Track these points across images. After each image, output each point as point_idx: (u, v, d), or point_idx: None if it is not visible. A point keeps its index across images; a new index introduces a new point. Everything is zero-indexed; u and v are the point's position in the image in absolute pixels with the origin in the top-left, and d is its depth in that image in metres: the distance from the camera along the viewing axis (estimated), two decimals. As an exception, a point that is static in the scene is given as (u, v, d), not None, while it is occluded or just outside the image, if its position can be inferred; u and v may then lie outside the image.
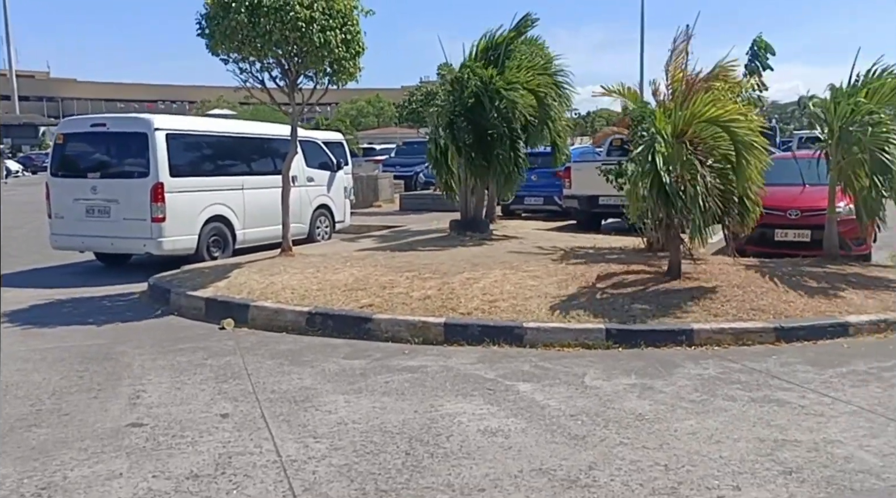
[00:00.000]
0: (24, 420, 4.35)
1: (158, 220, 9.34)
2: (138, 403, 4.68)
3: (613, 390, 4.82)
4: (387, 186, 20.06)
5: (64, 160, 10.16)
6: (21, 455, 3.84)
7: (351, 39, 8.45)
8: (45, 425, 4.27)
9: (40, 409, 4.55)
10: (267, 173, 10.78)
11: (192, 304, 7.36)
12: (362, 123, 65.11)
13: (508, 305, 6.45)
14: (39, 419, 4.37)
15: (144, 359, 5.71)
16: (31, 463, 3.74)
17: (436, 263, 8.16)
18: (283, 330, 6.55)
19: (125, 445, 3.98)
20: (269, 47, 8.10)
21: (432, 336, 6.08)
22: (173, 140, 9.62)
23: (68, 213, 9.80)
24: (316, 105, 9.75)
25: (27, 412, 4.49)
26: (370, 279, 7.47)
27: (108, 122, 10.12)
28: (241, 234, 10.52)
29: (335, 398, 4.72)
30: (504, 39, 11.21)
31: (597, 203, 13.04)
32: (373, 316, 6.35)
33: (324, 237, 12.30)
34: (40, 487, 3.48)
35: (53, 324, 6.93)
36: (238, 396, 4.78)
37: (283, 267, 8.34)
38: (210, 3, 8.11)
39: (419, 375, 5.20)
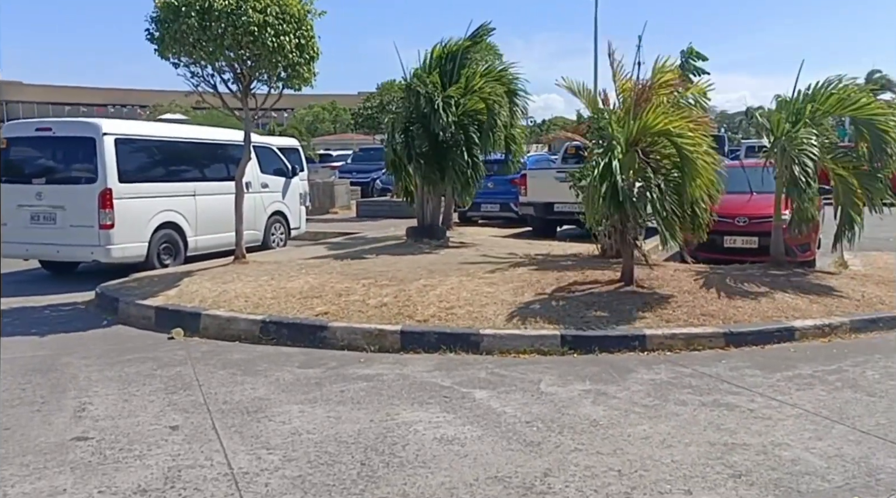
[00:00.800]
0: (-39, 436, 4.18)
1: (107, 227, 9.10)
2: (84, 415, 4.53)
3: (568, 396, 4.86)
4: (343, 193, 19.95)
5: (8, 165, 9.81)
6: (-43, 473, 3.68)
7: (305, 44, 8.38)
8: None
9: (-21, 424, 4.38)
10: (220, 179, 10.61)
11: (141, 313, 7.18)
12: (319, 129, 64.64)
13: (465, 312, 6.46)
14: (-22, 435, 4.20)
15: (91, 370, 5.55)
16: (-31, 481, 3.59)
17: (392, 270, 8.13)
18: (237, 339, 6.43)
19: (70, 459, 3.85)
20: (220, 51, 7.99)
21: (389, 344, 6.05)
22: (122, 145, 9.40)
23: (12, 220, 9.47)
24: (271, 110, 9.64)
25: (-35, 428, 4.31)
26: (326, 287, 7.40)
27: (55, 127, 9.83)
28: (193, 241, 10.32)
29: (289, 408, 4.65)
30: (459, 48, 11.27)
31: (552, 210, 13.19)
32: (328, 324, 6.29)
33: (279, 244, 12.15)
34: (-22, 506, 3.35)
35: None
36: (189, 408, 4.67)
37: (236, 275, 8.21)
38: (160, 6, 7.96)
39: (375, 383, 5.16)
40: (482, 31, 11.48)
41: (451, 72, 11.04)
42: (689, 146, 6.82)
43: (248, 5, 7.83)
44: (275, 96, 9.01)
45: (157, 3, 7.99)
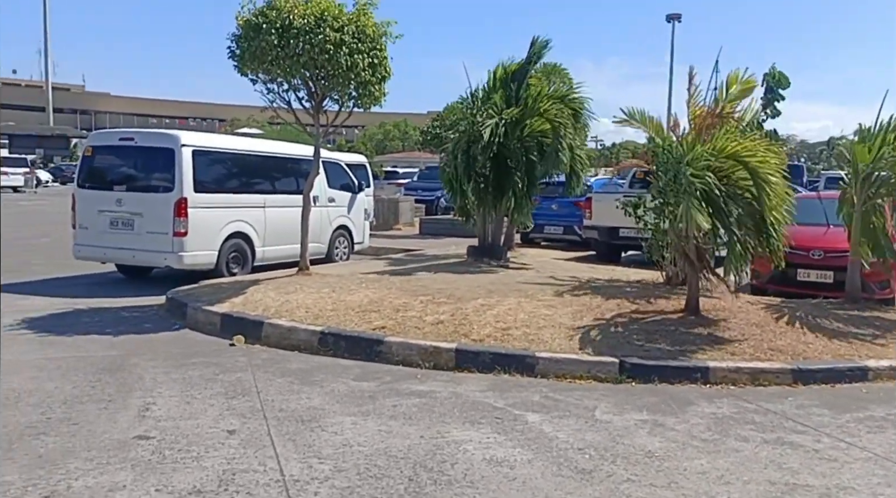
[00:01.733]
0: (33, 428, 4.38)
1: (180, 235, 9.44)
2: (147, 415, 4.70)
3: (624, 425, 4.75)
4: (407, 210, 20.15)
5: (91, 172, 10.33)
6: (28, 463, 3.86)
7: (378, 64, 8.55)
8: (53, 434, 4.30)
9: (50, 417, 4.59)
10: (289, 192, 10.89)
11: (207, 318, 7.41)
12: (388, 147, 65.71)
13: (521, 334, 6.42)
14: (49, 428, 4.40)
15: (157, 372, 5.74)
16: (37, 471, 3.76)
17: (451, 288, 8.15)
18: (296, 348, 6.56)
19: (131, 457, 3.99)
20: (297, 69, 8.22)
21: (443, 361, 6.05)
22: (199, 156, 9.75)
23: (92, 225, 9.94)
24: (342, 127, 9.86)
25: (37, 420, 4.52)
26: (384, 301, 7.47)
27: (137, 137, 10.29)
28: (260, 251, 10.60)
29: (342, 420, 4.70)
30: (519, 66, 11.28)
31: (617, 235, 12.97)
32: (385, 338, 6.35)
33: (342, 258, 12.35)
34: (44, 495, 3.50)
35: (70, 333, 7.00)
36: (246, 413, 4.78)
37: (299, 286, 8.38)
38: (241, 24, 8.27)
39: (428, 400, 5.17)
40: (537, 48, 11.46)
41: (515, 92, 11.06)
42: (761, 168, 6.63)
43: (326, 24, 8.05)
44: (345, 114, 9.22)
45: (238, 22, 8.31)
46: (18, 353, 6.20)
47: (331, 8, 8.24)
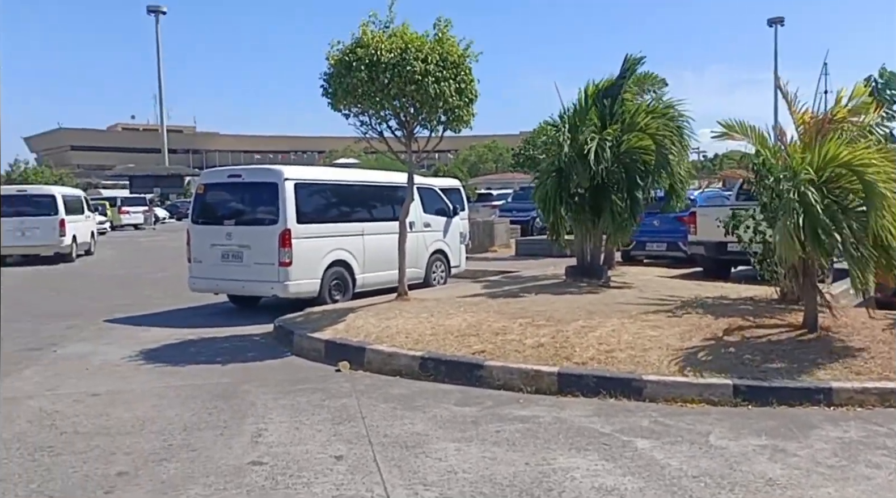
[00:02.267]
0: (156, 454, 4.62)
1: (285, 265, 9.80)
2: (260, 441, 4.86)
3: (741, 451, 4.50)
4: (503, 231, 20.09)
5: (203, 208, 10.92)
6: (152, 488, 4.07)
7: (464, 88, 8.66)
8: (175, 460, 4.52)
9: (171, 444, 4.83)
10: (386, 219, 11.10)
11: (312, 345, 7.62)
12: (481, 169, 66.11)
13: (626, 356, 6.23)
14: (170, 454, 4.63)
15: (267, 398, 5.94)
16: (161, 496, 3.96)
17: (550, 310, 8.03)
18: (397, 374, 6.63)
19: (246, 482, 4.14)
20: (387, 101, 8.45)
21: (545, 386, 5.95)
22: (301, 189, 10.13)
23: (206, 258, 10.48)
24: (435, 152, 10.00)
25: (160, 447, 4.77)
26: (483, 325, 7.45)
27: (243, 173, 10.82)
28: (360, 278, 10.84)
29: (445, 446, 4.69)
30: (611, 83, 11.09)
31: (725, 250, 12.38)
32: (485, 363, 6.31)
33: (439, 282, 12.45)
34: (167, 519, 3.67)
35: (188, 362, 7.37)
36: (352, 439, 4.86)
37: (398, 311, 8.50)
38: (333, 63, 8.58)
39: (531, 425, 5.09)
40: (631, 64, 11.23)
41: (609, 108, 10.87)
42: (876, 178, 6.19)
43: (410, 56, 8.24)
44: (436, 139, 9.35)
45: (330, 61, 8.63)
46: (141, 382, 6.59)
47: (414, 40, 8.44)
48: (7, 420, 5.39)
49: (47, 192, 20.48)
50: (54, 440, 4.91)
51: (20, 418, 5.43)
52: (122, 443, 4.83)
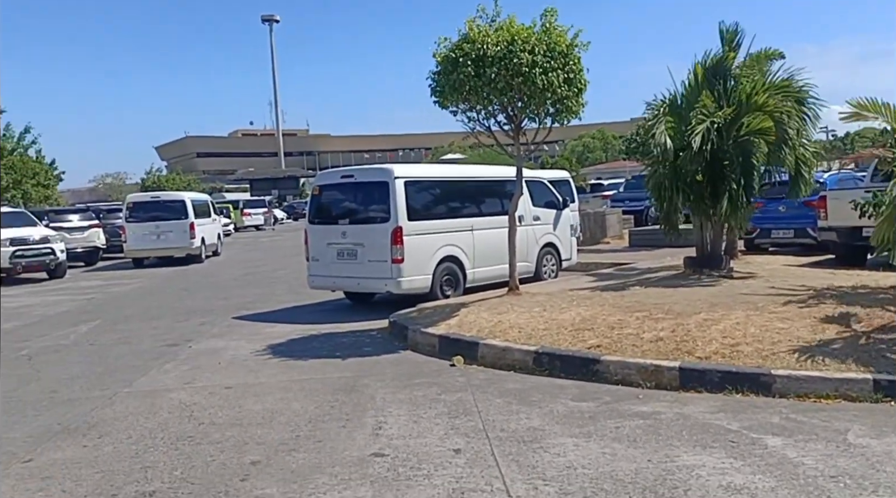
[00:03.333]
0: (285, 445, 4.85)
1: (398, 262, 10.02)
2: (380, 433, 5.00)
3: (884, 450, 4.18)
4: (615, 222, 19.64)
5: (319, 208, 11.34)
6: (283, 477, 4.28)
7: (573, 78, 8.50)
8: (302, 450, 4.73)
9: (298, 435, 5.05)
10: (495, 214, 11.12)
11: (426, 340, 7.75)
12: (589, 159, 64.87)
13: (753, 350, 5.93)
14: (298, 445, 4.85)
15: (385, 392, 6.11)
16: (291, 485, 4.15)
17: (668, 303, 7.77)
18: (511, 368, 6.63)
19: (369, 473, 4.27)
20: (494, 95, 8.42)
21: (666, 381, 5.77)
22: (410, 186, 10.31)
23: (322, 256, 10.89)
24: (542, 144, 9.89)
25: (288, 438, 5.00)
26: (597, 319, 7.32)
27: (356, 173, 11.15)
28: (471, 273, 10.91)
29: (564, 441, 4.65)
30: (717, 61, 10.54)
31: (860, 235, 11.53)
32: (601, 357, 6.20)
33: (550, 275, 12.33)
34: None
35: (309, 356, 7.69)
36: (469, 433, 4.91)
37: (510, 306, 8.49)
38: (440, 60, 8.65)
39: (652, 421, 4.95)
40: (729, 37, 10.60)
41: (723, 88, 10.35)
42: None
43: (517, 48, 8.18)
44: (545, 131, 9.25)
45: (437, 59, 8.71)
46: (269, 375, 6.94)
47: (520, 31, 8.36)
48: (151, 411, 5.82)
49: (178, 198, 21.94)
50: (193, 430, 5.26)
51: (162, 410, 5.85)
52: (253, 433, 5.11)
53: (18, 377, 7.33)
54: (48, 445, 5.07)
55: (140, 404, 6.05)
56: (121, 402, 6.18)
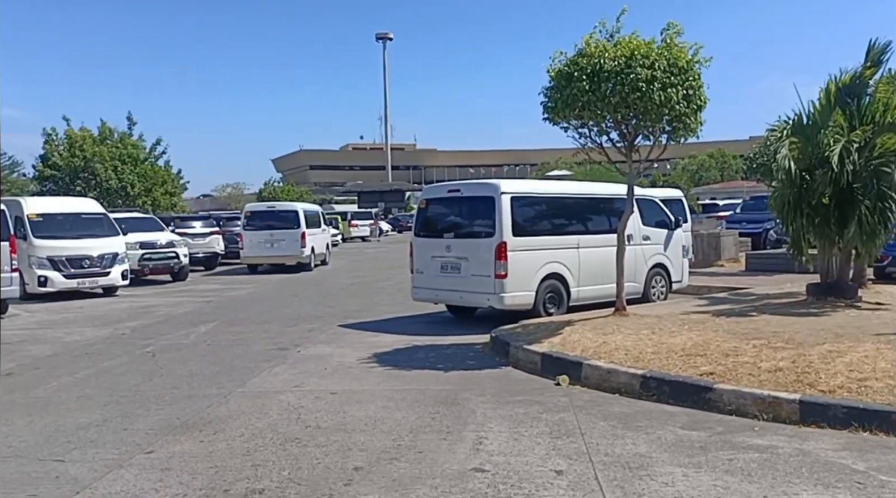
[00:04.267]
0: (387, 453, 4.91)
1: (501, 277, 9.99)
2: (481, 449, 4.97)
3: None
4: (730, 244, 18.77)
5: (425, 222, 11.50)
6: (384, 485, 4.33)
7: (692, 94, 8.23)
8: (403, 460, 4.77)
9: (400, 444, 5.10)
10: (601, 232, 10.91)
11: (528, 357, 7.66)
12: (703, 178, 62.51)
13: (884, 386, 5.48)
14: (399, 454, 4.90)
15: (486, 407, 6.07)
16: (392, 493, 4.19)
17: (789, 332, 7.33)
18: (616, 391, 6.44)
19: (469, 487, 4.25)
20: (608, 110, 8.26)
21: (784, 414, 5.42)
22: (516, 202, 10.28)
23: (427, 269, 11.02)
24: (654, 162, 9.62)
25: (390, 446, 5.06)
26: (710, 345, 7.00)
27: (462, 188, 11.24)
28: (575, 291, 10.73)
29: (672, 470, 4.45)
30: (853, 78, 9.87)
31: None
32: (714, 385, 5.90)
33: (659, 297, 11.94)
34: (399, 516, 3.87)
35: (411, 367, 7.77)
36: (572, 455, 4.80)
37: (616, 326, 8.27)
38: (553, 75, 8.59)
39: (768, 456, 4.66)
40: (875, 53, 9.90)
41: (857, 107, 9.70)
42: None
43: (636, 63, 8.00)
44: (658, 148, 8.99)
45: (550, 74, 8.65)
46: (373, 383, 7.07)
47: (640, 46, 8.18)
48: (262, 411, 6.06)
49: (292, 208, 22.89)
50: (300, 433, 5.42)
51: (272, 411, 6.08)
52: (357, 439, 5.21)
53: (143, 373, 7.83)
54: (168, 439, 5.37)
55: (252, 404, 6.31)
56: (234, 401, 6.47)
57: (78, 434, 5.54)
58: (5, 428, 5.75)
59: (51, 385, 7.33)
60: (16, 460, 4.95)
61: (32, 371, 8.07)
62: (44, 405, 6.48)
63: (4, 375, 7.90)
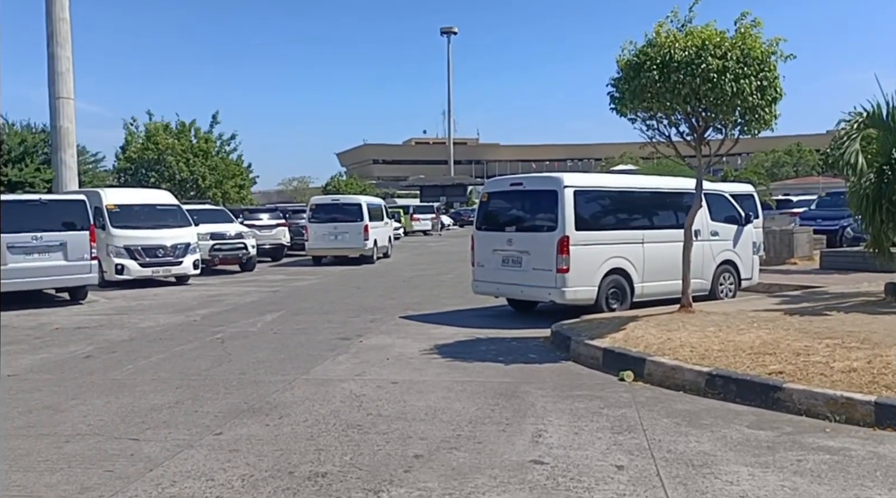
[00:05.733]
0: (446, 442, 4.96)
1: (563, 271, 9.90)
2: (540, 441, 4.96)
3: None
4: (804, 242, 18.09)
5: (487, 215, 11.48)
6: (444, 473, 4.37)
7: (767, 86, 7.95)
8: (463, 449, 4.80)
9: (459, 434, 5.14)
10: (668, 227, 10.68)
11: (589, 352, 7.58)
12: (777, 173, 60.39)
13: (968, 390, 5.21)
14: (458, 443, 4.93)
15: (546, 401, 6.05)
16: (451, 481, 4.23)
17: (865, 332, 7.04)
18: (680, 388, 6.31)
19: (528, 479, 4.25)
20: (677, 102, 8.07)
21: (858, 416, 5.21)
22: (579, 196, 10.14)
23: (488, 263, 11.01)
24: (725, 156, 9.35)
25: (449, 436, 5.11)
26: (780, 344, 6.78)
27: (525, 182, 11.17)
28: (639, 287, 10.54)
29: (737, 469, 4.34)
30: None
31: None
32: (783, 385, 5.72)
33: (727, 294, 11.62)
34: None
35: (471, 359, 7.80)
36: (633, 450, 4.74)
37: (681, 323, 8.10)
38: (622, 66, 8.44)
39: (840, 458, 4.50)
40: None
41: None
42: None
43: (707, 53, 7.79)
44: (730, 142, 8.73)
45: (619, 65, 8.51)
46: (433, 374, 7.13)
47: (712, 36, 7.95)
48: (325, 398, 6.19)
49: (355, 201, 23.25)
50: (362, 420, 5.52)
51: (335, 398, 6.20)
52: (417, 428, 5.27)
53: (213, 358, 8.10)
54: (235, 422, 5.55)
55: (315, 391, 6.46)
56: (299, 387, 6.64)
57: (152, 415, 5.79)
58: (84, 407, 6.06)
59: (127, 368, 7.67)
60: (94, 438, 5.21)
61: (110, 354, 8.46)
62: (120, 387, 6.79)
63: (83, 357, 8.31)
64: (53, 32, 22.71)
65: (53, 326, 10.70)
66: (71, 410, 5.97)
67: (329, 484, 4.22)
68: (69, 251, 12.79)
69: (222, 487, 4.22)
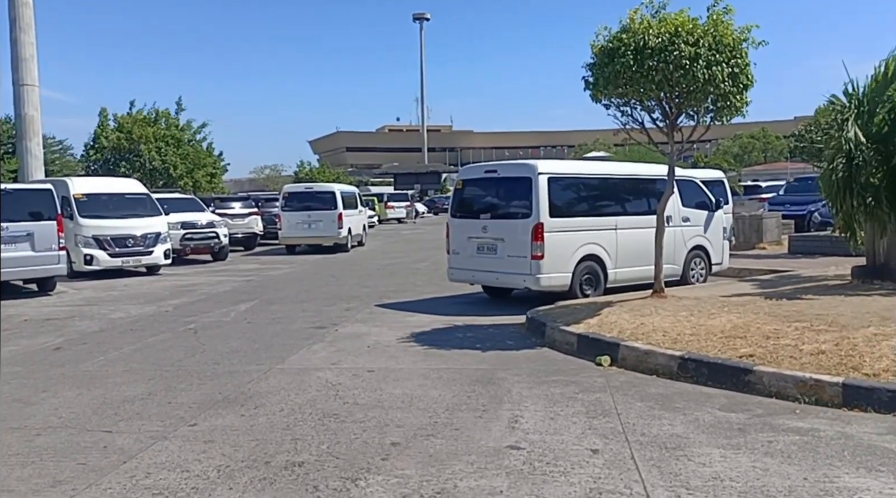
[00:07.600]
0: (423, 430, 4.97)
1: (537, 258, 9.95)
2: (516, 427, 4.99)
3: None
4: (773, 227, 18.40)
5: (461, 203, 11.48)
6: (421, 460, 4.39)
7: (739, 72, 8.03)
8: (440, 436, 4.82)
9: (436, 421, 5.16)
10: (640, 213, 10.78)
11: (564, 338, 7.64)
12: (746, 159, 61.19)
13: (931, 370, 5.35)
14: (435, 430, 4.95)
15: (522, 386, 6.09)
16: (429, 468, 4.24)
17: (832, 314, 7.18)
18: (653, 373, 6.39)
19: (504, 464, 4.28)
20: (651, 88, 8.12)
21: (827, 397, 5.33)
22: (553, 183, 10.19)
23: (463, 250, 11.03)
24: (696, 143, 9.44)
25: (426, 423, 5.12)
26: (751, 327, 6.89)
27: (499, 169, 11.18)
28: (612, 273, 10.64)
29: (709, 451, 4.42)
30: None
31: None
32: (754, 367, 5.82)
33: (698, 279, 11.78)
34: (435, 491, 3.93)
35: (447, 346, 7.82)
36: (608, 434, 4.79)
37: (654, 308, 8.19)
38: (596, 51, 8.47)
39: (809, 438, 4.60)
40: None
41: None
42: None
43: (680, 40, 7.85)
44: (702, 128, 8.82)
45: (594, 50, 8.53)
46: (410, 362, 7.14)
47: (685, 23, 8.01)
48: (301, 388, 6.17)
49: (329, 189, 23.09)
50: (338, 409, 5.51)
51: (311, 387, 6.18)
52: (394, 416, 5.28)
53: (186, 349, 8.02)
54: (210, 412, 5.51)
55: (291, 380, 6.43)
56: (274, 377, 6.60)
57: (124, 406, 5.72)
58: (55, 400, 5.97)
59: (98, 360, 7.56)
60: (65, 431, 5.14)
61: (80, 346, 8.34)
62: (91, 378, 6.70)
63: (53, 349, 8.17)
64: (16, 17, 22.15)
65: (22, 317, 10.50)
66: (41, 403, 5.87)
67: (306, 473, 4.21)
68: (36, 242, 12.54)
69: (198, 477, 4.19)
